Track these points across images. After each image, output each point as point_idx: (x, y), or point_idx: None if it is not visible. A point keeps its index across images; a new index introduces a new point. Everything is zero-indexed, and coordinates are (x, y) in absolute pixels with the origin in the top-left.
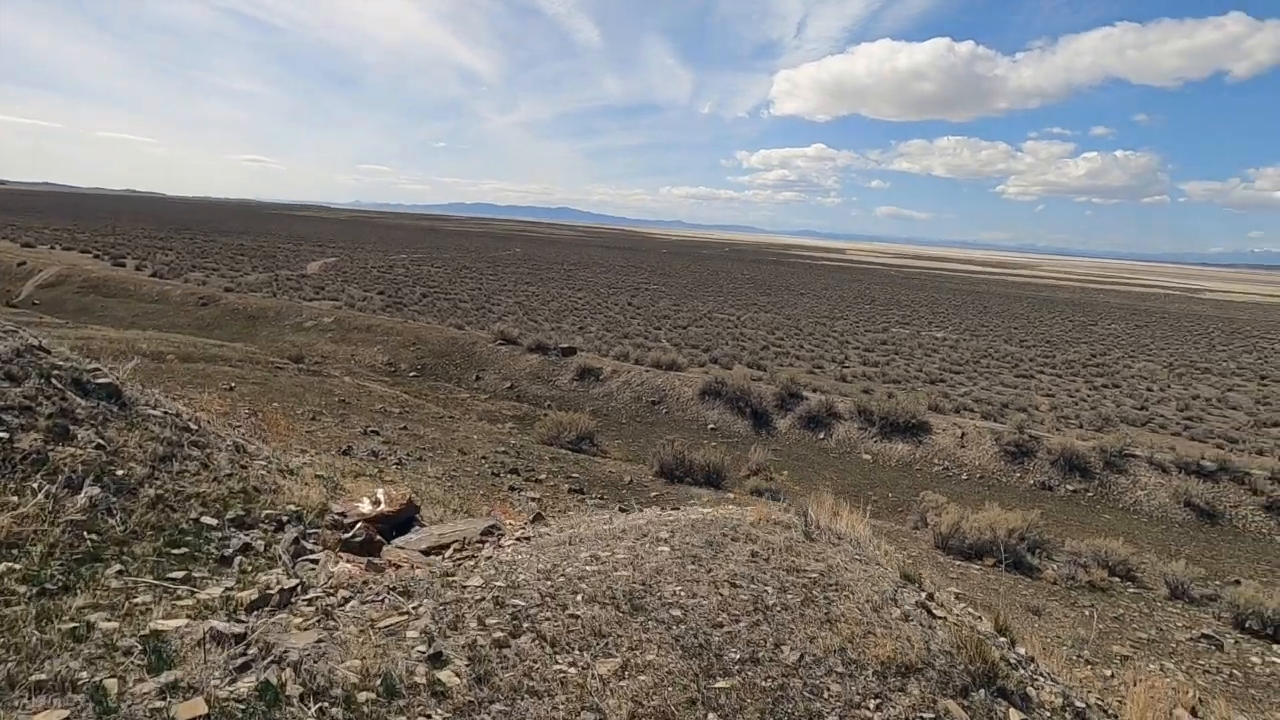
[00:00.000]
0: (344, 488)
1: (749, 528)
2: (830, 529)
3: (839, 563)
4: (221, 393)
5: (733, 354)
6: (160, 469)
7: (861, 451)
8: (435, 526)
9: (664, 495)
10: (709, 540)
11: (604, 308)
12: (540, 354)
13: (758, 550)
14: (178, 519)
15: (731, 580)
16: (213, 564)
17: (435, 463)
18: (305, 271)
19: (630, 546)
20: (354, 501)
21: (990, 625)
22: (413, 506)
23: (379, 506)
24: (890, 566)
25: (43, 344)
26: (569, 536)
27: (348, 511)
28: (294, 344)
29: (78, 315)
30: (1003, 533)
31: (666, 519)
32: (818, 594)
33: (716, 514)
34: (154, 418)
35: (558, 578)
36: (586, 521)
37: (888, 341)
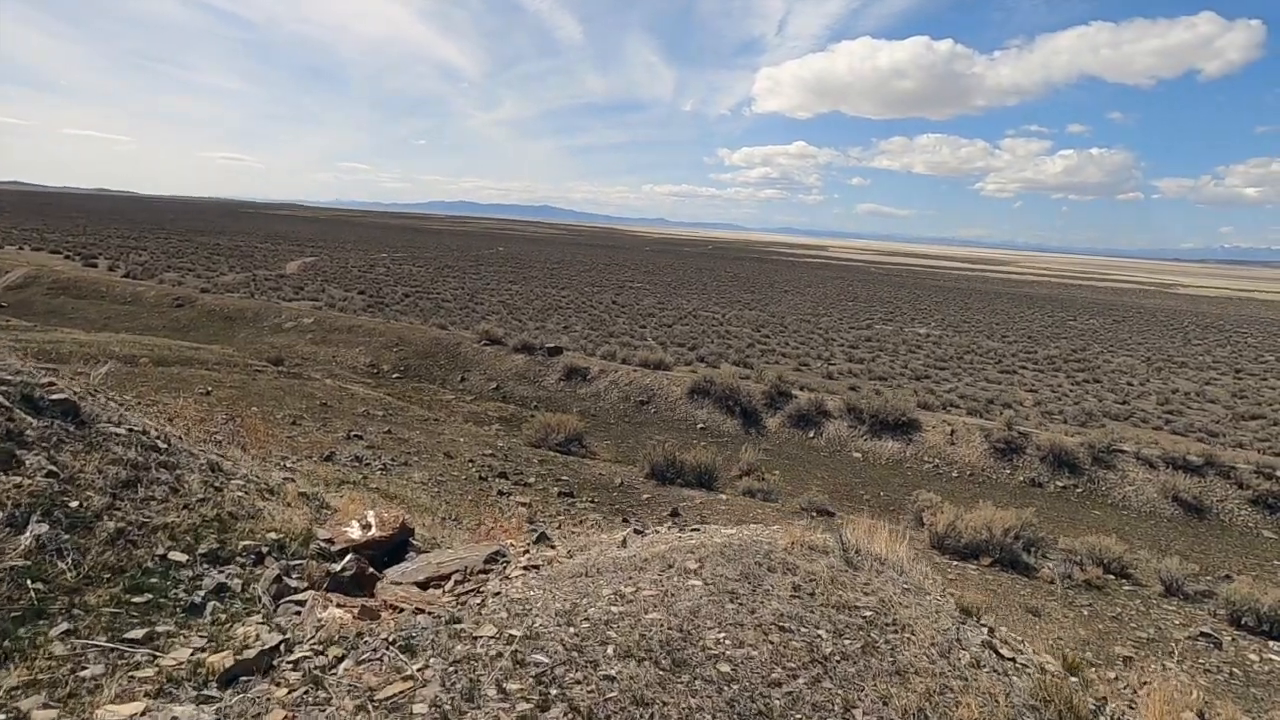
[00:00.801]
0: (330, 506)
1: (784, 554)
2: (870, 553)
3: (891, 596)
4: (198, 398)
5: (719, 352)
6: (122, 497)
7: (852, 450)
8: (433, 554)
9: (656, 497)
10: (744, 572)
11: (589, 306)
12: (526, 354)
13: (800, 584)
14: (141, 556)
15: (779, 623)
16: (180, 613)
17: (421, 467)
18: (284, 271)
19: (656, 580)
20: (342, 526)
21: (1059, 665)
22: (406, 529)
23: (369, 531)
24: (940, 594)
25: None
26: (584, 566)
27: (335, 537)
28: (273, 346)
29: (47, 317)
30: (999, 532)
31: (690, 544)
32: (877, 638)
33: (744, 536)
34: (117, 437)
35: (580, 622)
36: (597, 543)
37: (872, 338)
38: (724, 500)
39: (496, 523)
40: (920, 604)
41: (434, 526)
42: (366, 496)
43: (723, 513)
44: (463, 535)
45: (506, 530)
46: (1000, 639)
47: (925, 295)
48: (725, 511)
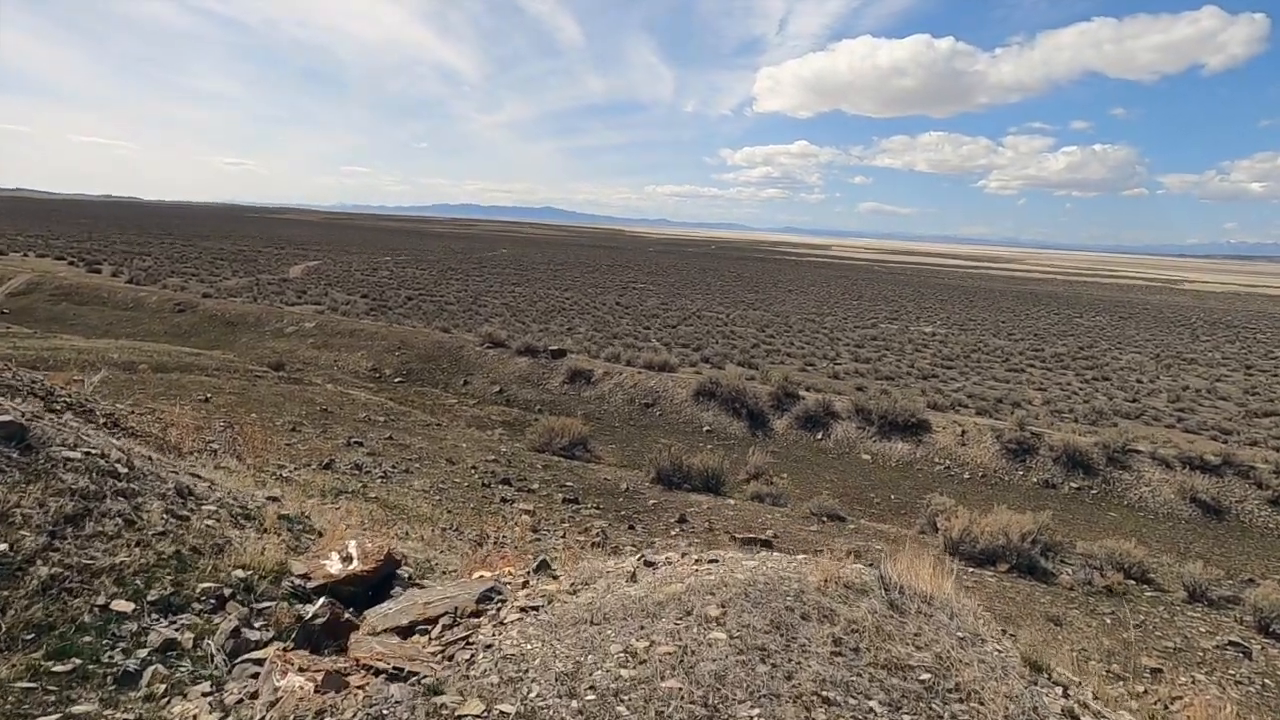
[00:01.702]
0: (315, 529)
1: (817, 596)
2: (915, 591)
3: (947, 649)
4: (196, 405)
5: (724, 353)
6: (64, 535)
7: (861, 451)
8: (420, 592)
9: (662, 503)
10: (774, 620)
11: (592, 307)
12: (530, 357)
13: (841, 636)
14: (77, 609)
15: (823, 693)
16: (110, 685)
17: (423, 474)
18: (287, 276)
19: (672, 631)
20: (320, 559)
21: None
22: (391, 560)
23: (350, 564)
24: (998, 640)
25: None
26: (589, 609)
27: (312, 572)
28: (274, 350)
29: (49, 324)
30: (1015, 537)
31: (709, 581)
32: (941, 710)
33: (769, 571)
34: (69, 463)
35: (585, 692)
36: (604, 574)
37: (877, 337)
38: (732, 505)
39: (500, 530)
40: (982, 658)
41: (434, 539)
42: (363, 508)
43: (731, 518)
44: (463, 548)
45: (505, 556)
46: (1080, 702)
47: (929, 294)
48: (733, 517)
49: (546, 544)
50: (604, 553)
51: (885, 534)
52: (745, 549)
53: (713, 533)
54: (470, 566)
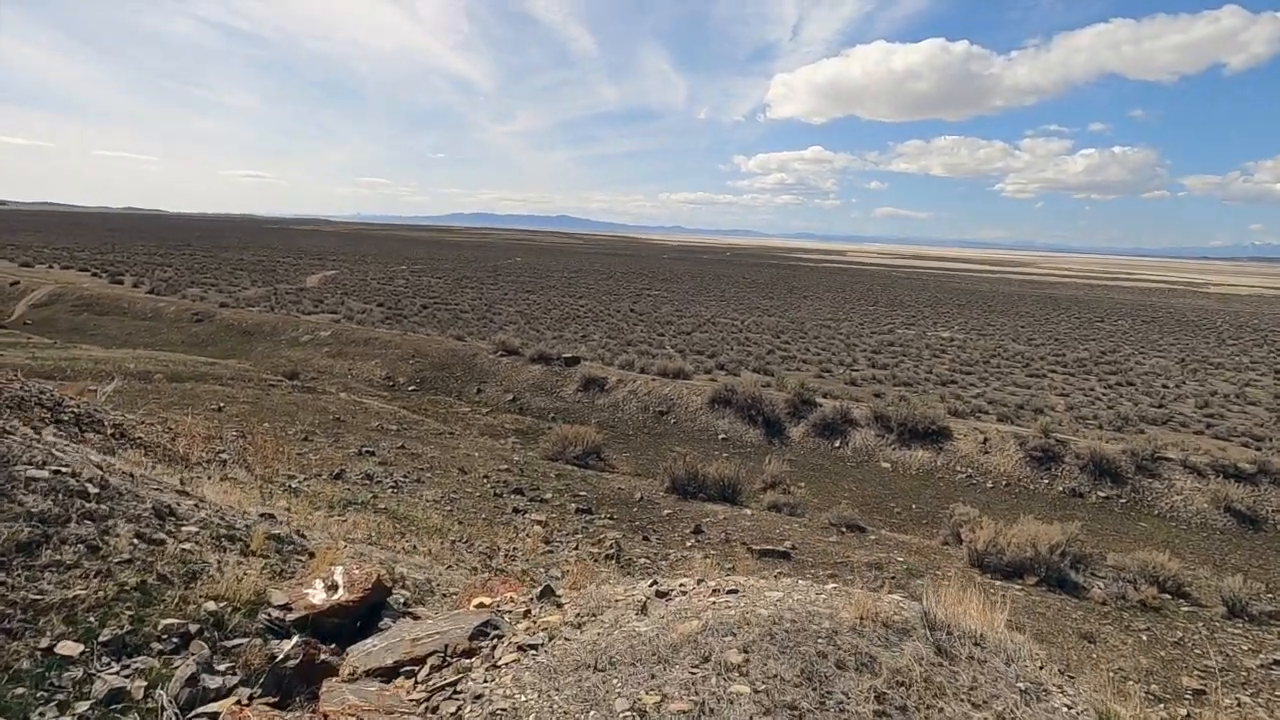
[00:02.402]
0: (308, 550)
1: (852, 638)
2: (962, 630)
3: (1010, 707)
4: (209, 414)
5: (739, 359)
6: (14, 566)
7: (880, 459)
8: (409, 626)
9: (677, 513)
10: (806, 670)
11: (606, 315)
12: (543, 364)
13: (885, 691)
14: (15, 653)
15: None
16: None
17: (434, 484)
18: (305, 285)
19: (688, 682)
20: (303, 587)
21: None
22: (381, 588)
23: (335, 594)
24: (1061, 686)
25: None
26: (592, 650)
27: (294, 602)
28: (289, 360)
29: (70, 334)
30: (1044, 548)
31: (729, 617)
32: None
33: (796, 605)
34: (33, 483)
35: None
36: (612, 603)
37: (895, 343)
38: (749, 515)
39: (512, 542)
40: (1049, 714)
41: (442, 552)
42: (371, 520)
43: (747, 529)
44: (472, 561)
45: (506, 581)
46: None
47: (947, 298)
48: (750, 527)
49: (559, 556)
50: (616, 567)
51: (907, 545)
52: (764, 561)
53: (729, 544)
54: (470, 592)
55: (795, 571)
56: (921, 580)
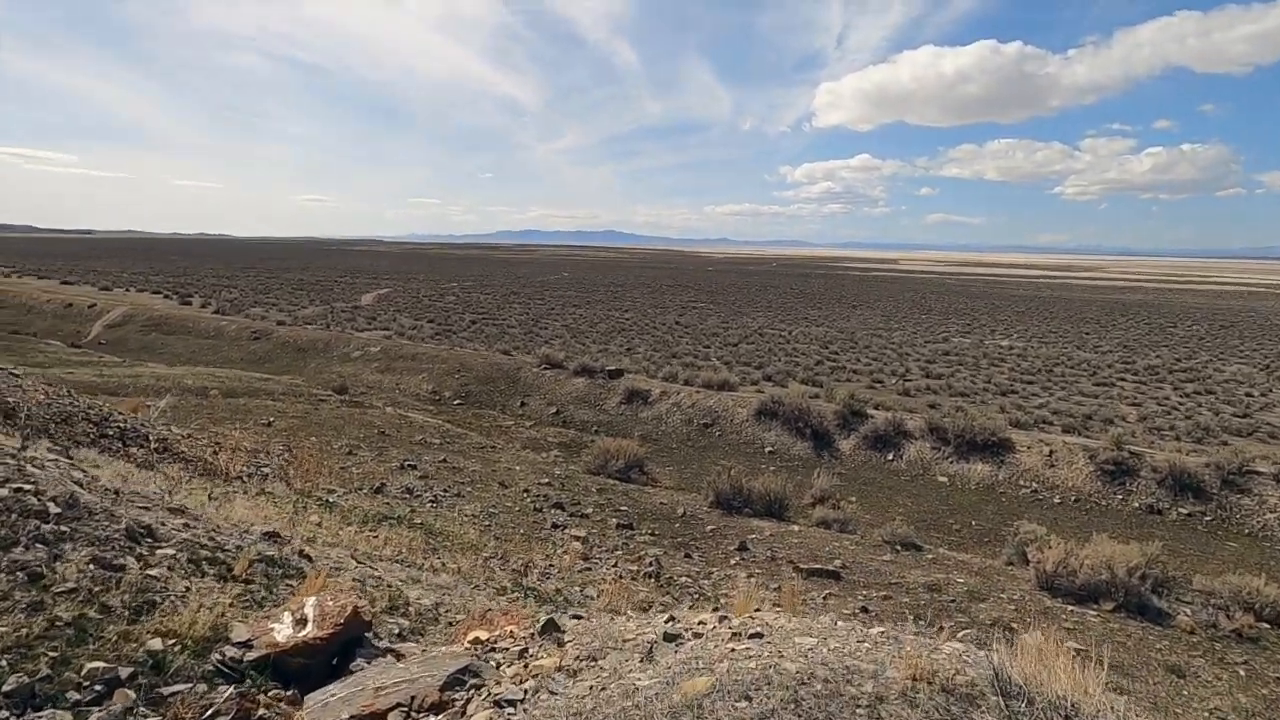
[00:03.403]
0: (301, 573)
1: (902, 708)
2: (1047, 697)
3: None
4: (259, 428)
5: (787, 370)
6: None
7: (937, 473)
8: (374, 673)
9: (721, 529)
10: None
11: (652, 328)
12: (586, 377)
13: None
14: None
15: None
16: None
17: (474, 499)
18: (359, 303)
19: None
20: (271, 620)
21: None
22: (357, 622)
23: (304, 628)
24: None
25: None
26: (577, 715)
27: (257, 637)
28: (340, 375)
29: (139, 353)
30: (1121, 571)
31: (746, 671)
32: None
33: (832, 655)
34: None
35: None
36: (619, 643)
37: (950, 352)
38: (796, 532)
39: (549, 559)
40: None
41: (472, 570)
42: (404, 536)
43: (795, 546)
44: (503, 579)
45: (508, 613)
46: None
47: (1005, 306)
48: (798, 544)
49: (596, 573)
50: (656, 585)
51: (967, 565)
52: (811, 581)
53: (775, 562)
54: (468, 625)
55: (845, 592)
56: (984, 604)
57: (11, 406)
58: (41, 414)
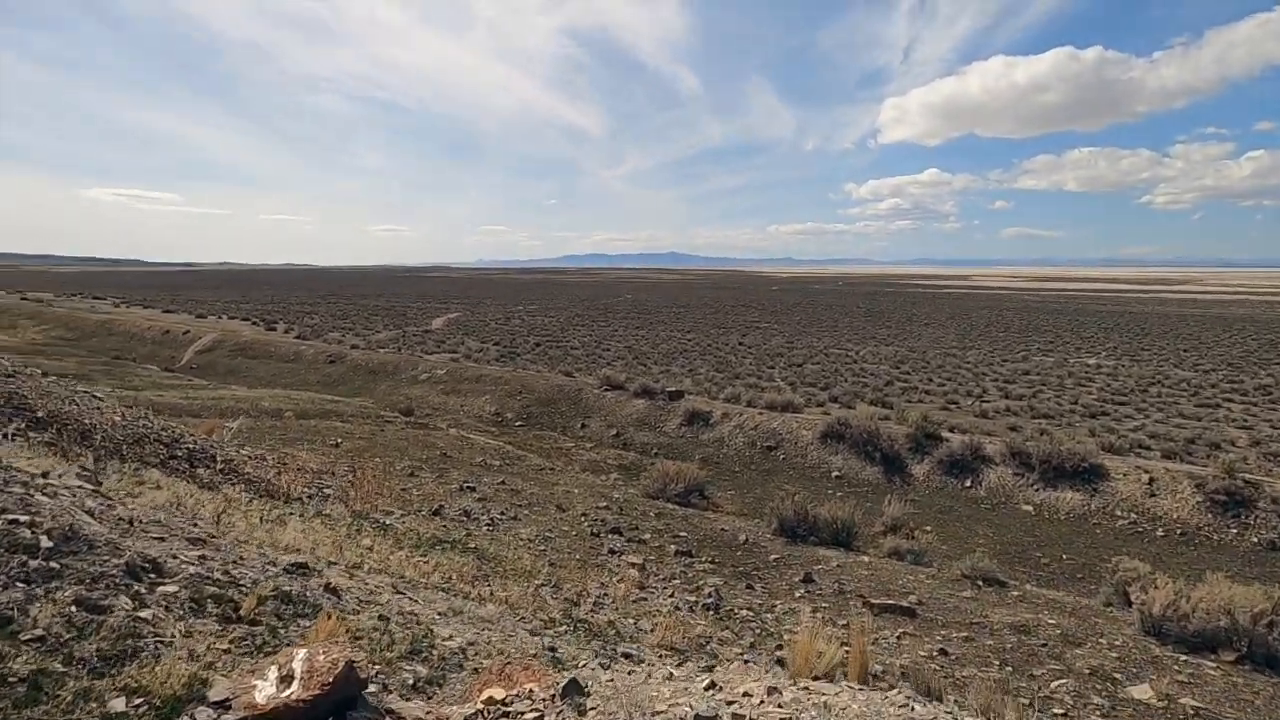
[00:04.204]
0: (315, 608)
1: None
2: None
3: None
4: (327, 449)
5: (854, 391)
6: None
7: (1020, 502)
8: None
9: (785, 558)
10: None
11: (714, 348)
12: (647, 399)
13: None
14: None
15: None
16: None
17: (530, 522)
18: (430, 327)
19: None
20: (255, 676)
21: None
22: (350, 681)
23: (287, 688)
24: None
25: None
26: None
27: (236, 696)
28: (407, 397)
29: (225, 376)
30: (1244, 616)
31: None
32: None
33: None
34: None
35: None
36: (646, 711)
37: (1030, 371)
38: (866, 563)
39: (604, 587)
40: None
41: (523, 599)
42: (455, 562)
43: (865, 578)
44: (555, 608)
45: (529, 668)
46: None
47: (1090, 322)
48: (868, 577)
49: (652, 604)
50: (714, 619)
51: (1059, 604)
52: (884, 619)
53: (843, 595)
54: (485, 679)
55: (921, 631)
56: (1080, 650)
57: (89, 428)
58: (116, 435)
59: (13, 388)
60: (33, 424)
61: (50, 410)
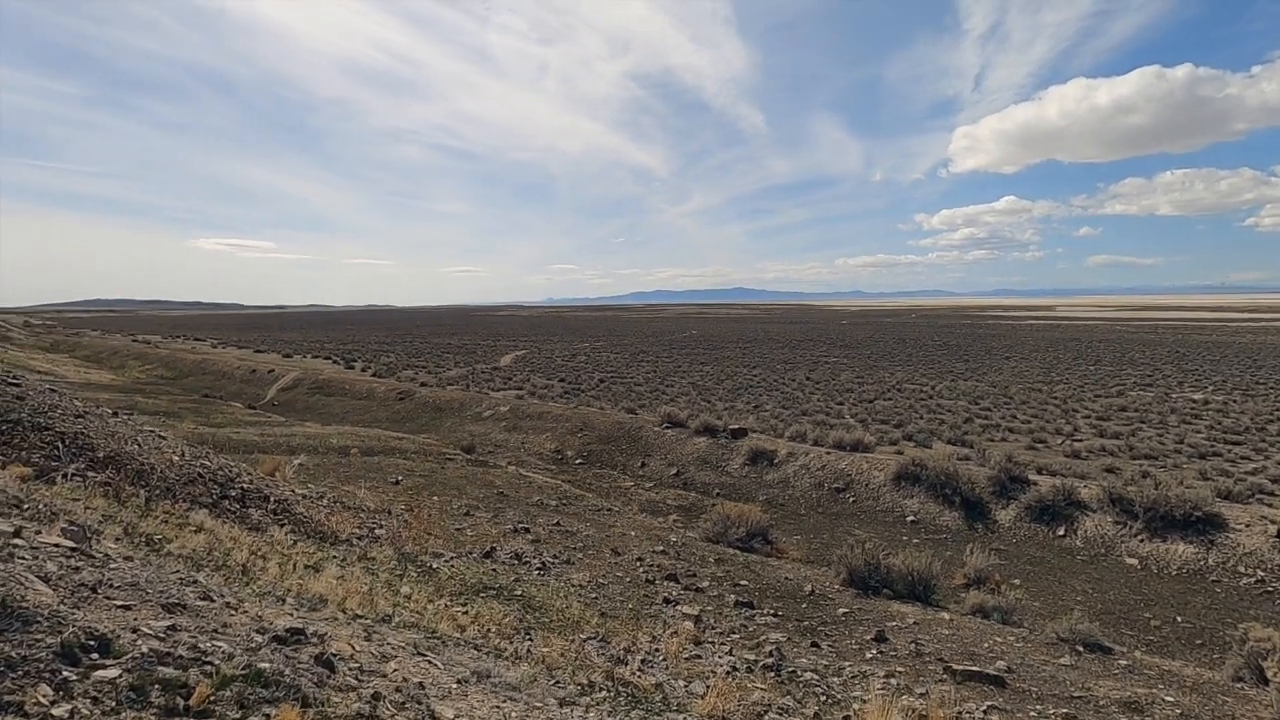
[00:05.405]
0: (291, 689)
1: None
2: None
3: None
4: (387, 486)
5: (930, 429)
6: None
7: (1123, 554)
8: None
9: (855, 612)
10: None
11: (780, 384)
12: (708, 437)
13: None
14: None
15: None
16: None
17: (584, 567)
18: (498, 364)
19: None
20: None
21: None
22: None
23: None
24: None
25: None
26: None
27: None
28: (470, 434)
29: (303, 413)
30: None
31: None
32: None
33: None
34: None
35: None
36: None
37: (1127, 407)
38: (946, 620)
39: (655, 641)
40: None
41: (563, 655)
42: (497, 611)
43: (945, 638)
44: (601, 666)
45: None
46: None
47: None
48: (949, 636)
49: (706, 663)
50: (775, 682)
51: (1177, 677)
52: (968, 688)
53: (920, 658)
54: None
55: (1012, 705)
56: None
57: (147, 468)
58: (170, 475)
59: (80, 428)
60: (93, 464)
61: (111, 451)
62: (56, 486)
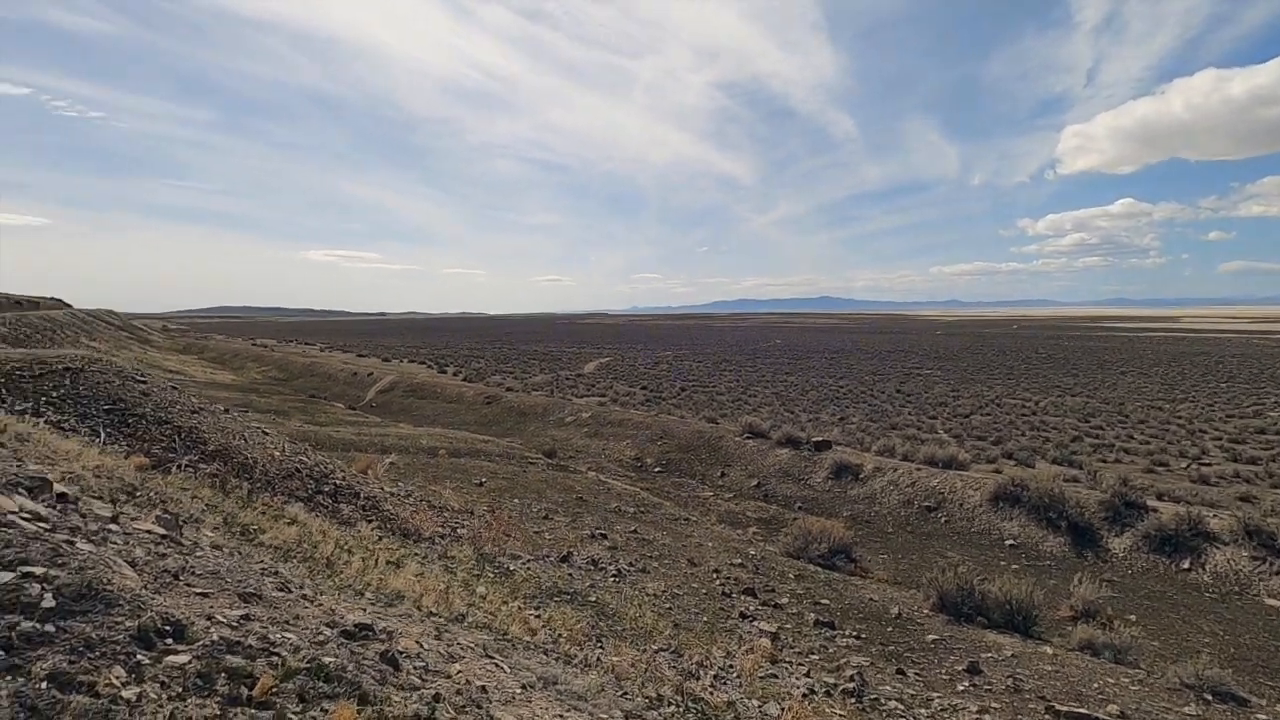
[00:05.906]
0: (352, 685)
1: None
2: None
3: None
4: (471, 488)
5: (1032, 447)
6: None
7: (1261, 593)
8: None
9: (945, 640)
10: None
11: (868, 396)
12: (791, 448)
13: None
14: None
15: None
16: None
17: (659, 576)
18: (582, 371)
19: None
20: None
21: None
22: None
23: None
24: None
25: None
26: None
27: None
28: (552, 439)
29: (397, 415)
30: None
31: None
32: None
33: None
34: None
35: None
36: None
37: (1266, 429)
38: (1049, 655)
39: (730, 658)
40: None
41: (633, 666)
42: (569, 617)
43: (1048, 675)
44: (672, 680)
45: None
46: None
47: None
48: (1052, 673)
49: (782, 683)
50: (856, 710)
51: None
52: None
53: (1020, 694)
54: None
55: None
56: None
57: (251, 462)
58: (272, 469)
59: (194, 423)
60: (204, 457)
61: (220, 445)
62: (170, 476)
